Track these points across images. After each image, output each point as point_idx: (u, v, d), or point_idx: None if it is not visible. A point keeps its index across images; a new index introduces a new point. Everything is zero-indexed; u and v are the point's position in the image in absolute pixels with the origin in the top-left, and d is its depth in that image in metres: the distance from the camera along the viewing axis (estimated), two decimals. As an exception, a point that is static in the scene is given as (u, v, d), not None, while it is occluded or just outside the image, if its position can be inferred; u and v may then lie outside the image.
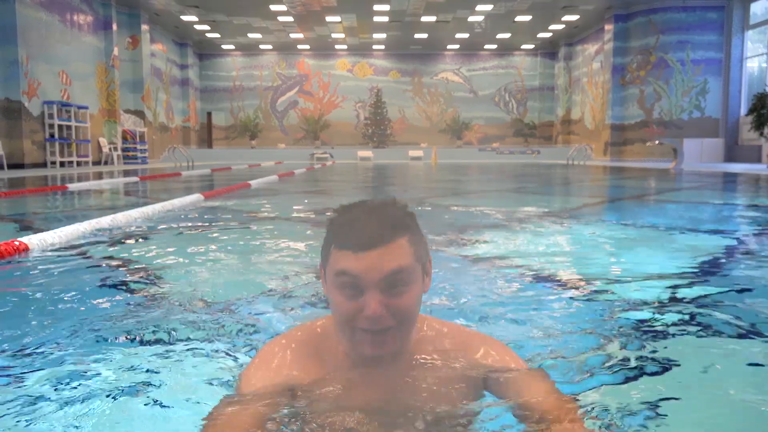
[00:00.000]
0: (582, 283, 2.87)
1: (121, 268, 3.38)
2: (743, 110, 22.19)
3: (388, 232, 1.20)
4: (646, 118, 24.78)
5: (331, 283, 1.24)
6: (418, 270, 1.25)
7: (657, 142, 20.66)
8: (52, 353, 1.86)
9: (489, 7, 25.14)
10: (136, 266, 3.43)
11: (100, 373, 1.69)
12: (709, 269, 3.25)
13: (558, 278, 3.00)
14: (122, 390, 1.58)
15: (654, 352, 1.84)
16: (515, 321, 2.17)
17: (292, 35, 30.86)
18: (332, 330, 1.34)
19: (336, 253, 1.22)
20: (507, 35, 30.99)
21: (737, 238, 4.57)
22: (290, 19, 27.25)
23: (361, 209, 1.25)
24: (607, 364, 1.74)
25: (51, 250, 3.78)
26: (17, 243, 3.63)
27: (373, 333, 1.20)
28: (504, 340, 1.59)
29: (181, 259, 3.59)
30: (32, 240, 3.76)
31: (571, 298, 2.59)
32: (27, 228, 5.27)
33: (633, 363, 1.75)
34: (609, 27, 25.85)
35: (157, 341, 1.99)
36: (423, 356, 1.36)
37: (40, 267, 3.40)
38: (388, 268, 1.18)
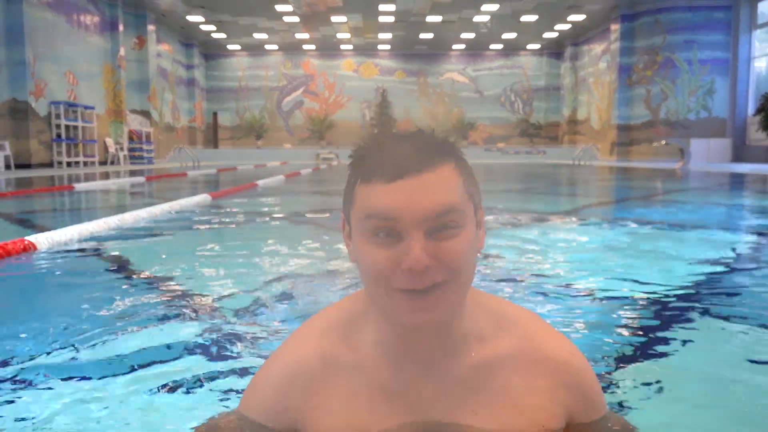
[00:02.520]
0: (586, 281, 2.86)
1: (128, 268, 3.39)
2: (751, 110, 22.07)
3: (427, 156, 0.95)
4: (653, 118, 24.67)
5: (359, 231, 0.98)
6: (470, 209, 0.99)
7: (664, 142, 20.58)
8: (55, 352, 1.86)
9: (495, 7, 25.09)
10: (143, 266, 3.43)
11: (103, 373, 1.69)
12: (712, 268, 3.23)
13: (562, 276, 2.98)
14: (126, 389, 1.58)
15: (654, 340, 1.83)
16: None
17: (298, 35, 30.89)
18: (360, 315, 1.10)
19: (362, 189, 0.97)
20: (513, 35, 30.93)
21: (743, 237, 4.54)
22: (296, 19, 27.27)
23: (390, 137, 1.01)
24: (608, 357, 1.73)
25: (58, 249, 3.79)
26: (25, 242, 3.64)
27: (414, 294, 0.93)
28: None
29: (188, 259, 3.59)
30: (39, 239, 3.77)
31: (575, 295, 2.57)
32: (34, 227, 5.28)
33: (636, 354, 1.74)
34: (615, 27, 25.76)
35: (162, 341, 1.98)
36: (486, 354, 1.07)
37: (47, 266, 3.41)
38: (434, 202, 0.92)
